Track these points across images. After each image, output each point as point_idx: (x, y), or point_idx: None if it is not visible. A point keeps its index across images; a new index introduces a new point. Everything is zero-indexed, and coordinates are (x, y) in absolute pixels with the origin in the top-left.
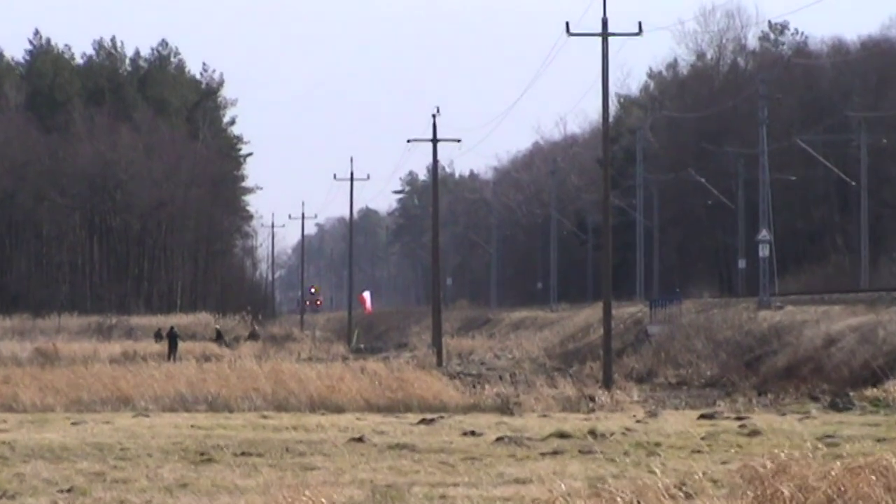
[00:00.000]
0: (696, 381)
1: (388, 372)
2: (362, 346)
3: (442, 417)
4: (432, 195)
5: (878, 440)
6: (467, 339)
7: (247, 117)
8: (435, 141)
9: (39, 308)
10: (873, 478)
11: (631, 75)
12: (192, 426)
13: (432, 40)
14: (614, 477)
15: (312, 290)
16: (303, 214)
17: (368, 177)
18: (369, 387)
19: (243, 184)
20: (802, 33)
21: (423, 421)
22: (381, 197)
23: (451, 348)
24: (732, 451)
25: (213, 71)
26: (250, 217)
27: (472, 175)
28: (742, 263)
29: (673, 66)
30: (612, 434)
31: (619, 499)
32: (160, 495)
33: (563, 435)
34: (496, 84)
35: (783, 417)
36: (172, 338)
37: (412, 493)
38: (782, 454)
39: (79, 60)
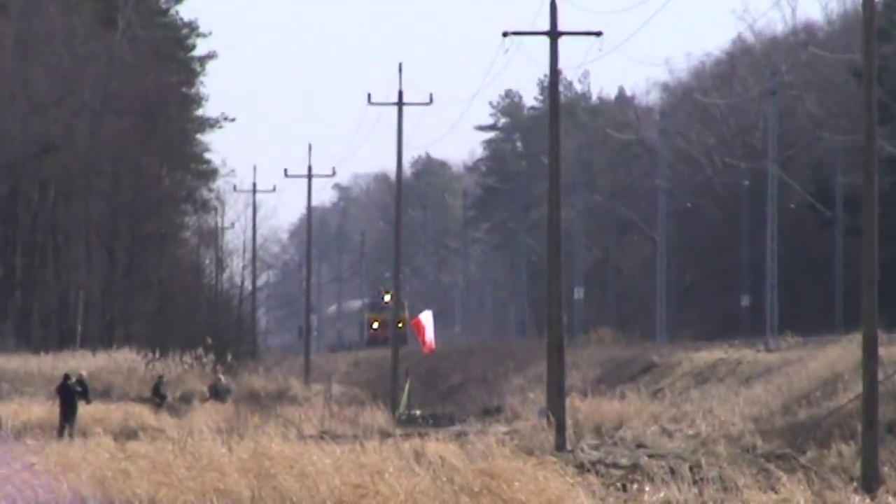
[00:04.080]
0: None
1: (466, 461)
2: (418, 412)
3: None
4: (550, 132)
5: None
6: (612, 399)
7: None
8: (554, 34)
9: None
10: None
11: None
12: None
13: None
14: None
15: (382, 297)
16: (309, 168)
17: (432, 99)
18: (431, 489)
19: (200, 111)
20: None
21: None
22: (455, 137)
23: (582, 417)
24: None
25: None
26: (212, 173)
27: (622, 96)
28: None
29: None
30: None
31: None
32: None
33: None
34: None
35: None
36: (67, 394)
37: None
38: None
39: None
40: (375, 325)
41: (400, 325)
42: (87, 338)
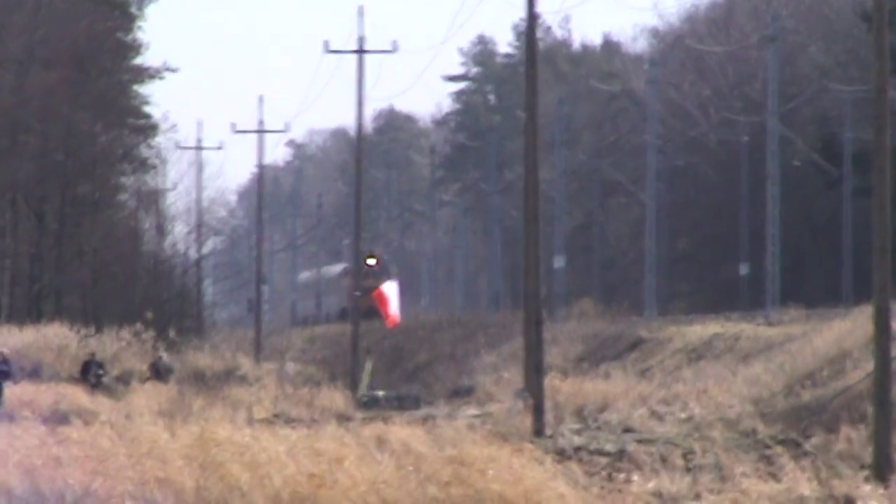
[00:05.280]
0: None
1: (434, 448)
2: (381, 393)
3: None
4: (526, 83)
5: None
6: (596, 378)
7: None
8: None
9: None
10: None
11: None
12: None
13: None
14: None
15: (369, 262)
16: (260, 123)
17: (396, 46)
18: (395, 478)
19: (138, 60)
20: None
21: None
22: (421, 88)
23: (562, 398)
24: None
25: None
26: (152, 129)
27: (608, 44)
28: None
29: None
30: None
31: None
32: None
33: None
34: None
35: None
36: None
37: None
38: None
39: None
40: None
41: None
42: (14, 311)
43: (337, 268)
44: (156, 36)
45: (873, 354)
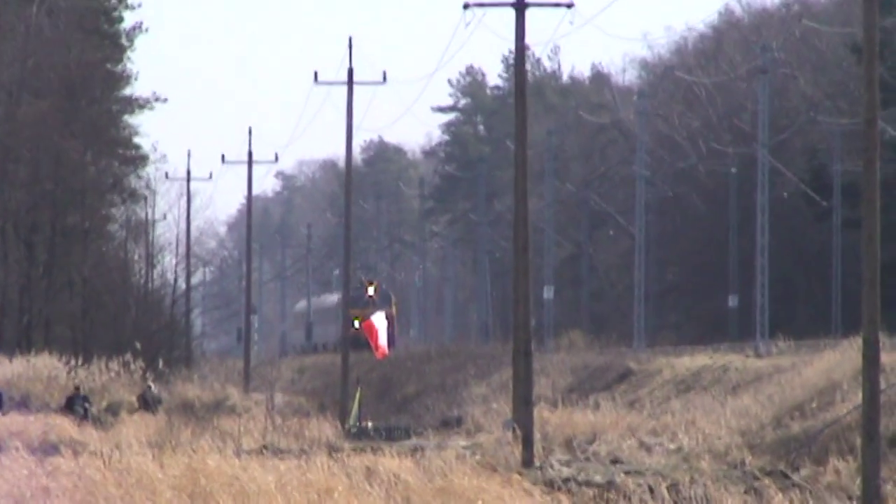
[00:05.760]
0: None
1: (424, 479)
2: (370, 424)
3: None
4: (515, 114)
5: None
6: (584, 409)
7: None
8: (521, 5)
9: None
10: None
11: None
12: None
13: None
14: None
15: (366, 290)
16: (249, 154)
17: (385, 78)
18: None
19: (128, 90)
20: None
21: None
22: (410, 119)
23: (551, 430)
24: None
25: None
26: (142, 159)
27: (596, 75)
28: None
29: None
30: None
31: None
32: None
33: None
34: None
35: None
36: None
37: None
38: None
39: None
40: (357, 324)
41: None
42: (3, 342)
43: (335, 297)
44: (145, 67)
45: (862, 386)
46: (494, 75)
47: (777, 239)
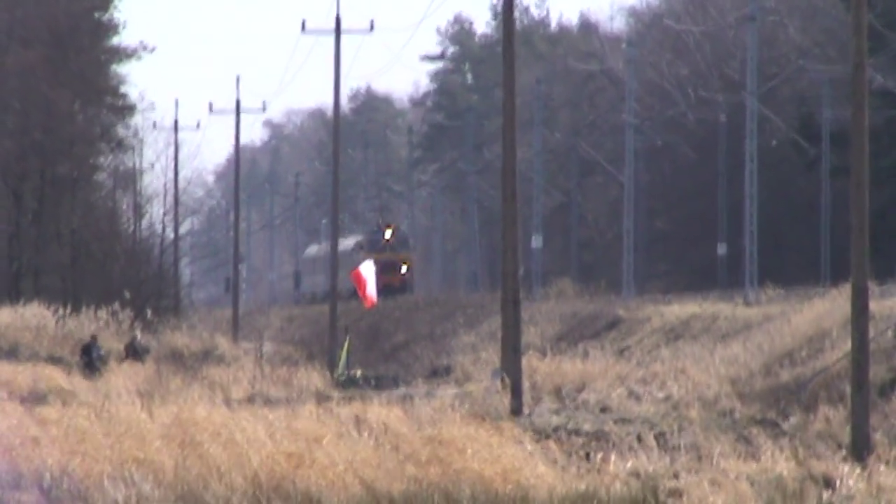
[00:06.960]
0: None
1: (412, 427)
2: (359, 373)
3: None
4: (504, 62)
5: None
6: (573, 358)
7: None
8: None
9: None
10: None
11: None
12: None
13: None
14: None
15: (382, 233)
16: (237, 103)
17: (373, 26)
18: (373, 458)
19: (115, 40)
20: None
21: None
22: (398, 68)
23: (540, 378)
24: None
25: None
26: (130, 109)
27: (585, 24)
28: None
29: None
30: None
31: None
32: None
33: None
34: None
35: None
36: None
37: None
38: None
39: None
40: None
41: (405, 267)
42: None
43: (350, 241)
44: (133, 16)
45: (851, 334)
46: (482, 23)
47: (766, 187)
